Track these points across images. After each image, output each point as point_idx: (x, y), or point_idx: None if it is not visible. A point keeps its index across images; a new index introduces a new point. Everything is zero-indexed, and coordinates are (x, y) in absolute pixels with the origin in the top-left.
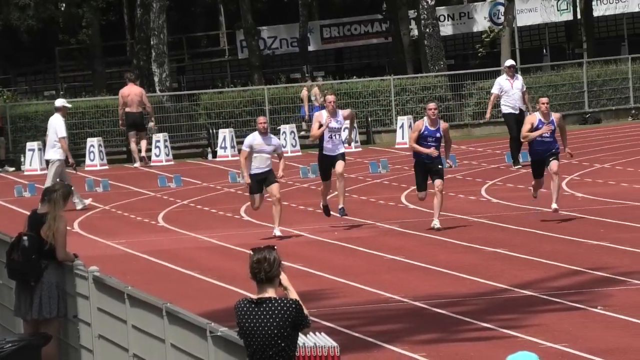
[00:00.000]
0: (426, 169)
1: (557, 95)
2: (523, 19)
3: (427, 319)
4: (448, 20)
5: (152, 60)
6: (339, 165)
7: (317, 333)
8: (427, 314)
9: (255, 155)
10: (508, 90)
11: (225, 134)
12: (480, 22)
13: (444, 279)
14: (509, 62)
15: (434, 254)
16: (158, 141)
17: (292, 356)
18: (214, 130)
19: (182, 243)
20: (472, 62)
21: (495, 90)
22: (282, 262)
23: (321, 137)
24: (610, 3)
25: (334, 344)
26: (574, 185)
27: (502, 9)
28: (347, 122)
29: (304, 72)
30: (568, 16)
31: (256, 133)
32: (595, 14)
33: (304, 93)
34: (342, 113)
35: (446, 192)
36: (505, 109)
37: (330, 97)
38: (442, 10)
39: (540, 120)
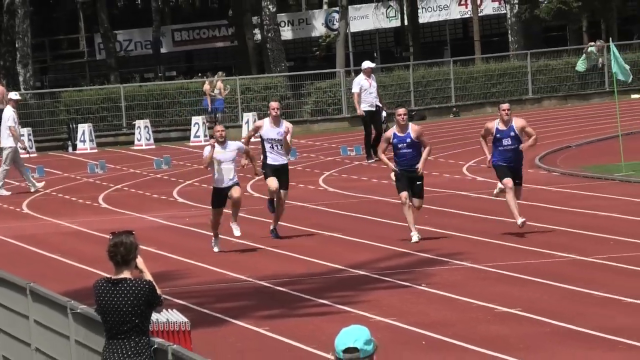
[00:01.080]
0: (408, 179)
1: (386, 95)
2: (356, 25)
3: (270, 296)
4: (288, 26)
5: (17, 61)
6: (281, 182)
7: (169, 310)
8: (270, 292)
9: (217, 168)
10: (367, 88)
11: (84, 129)
12: (318, 28)
13: (285, 260)
14: (369, 63)
15: (275, 239)
16: (22, 135)
17: (145, 331)
18: (74, 125)
19: (46, 228)
20: (311, 64)
21: (355, 89)
22: (139, 246)
23: (264, 148)
24: (434, 11)
25: (185, 319)
26: (473, 170)
27: (337, 15)
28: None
29: (157, 71)
30: (396, 23)
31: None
32: (421, 20)
33: (206, 87)
34: (285, 124)
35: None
36: (363, 106)
37: (274, 104)
38: (282, 17)
39: (498, 128)
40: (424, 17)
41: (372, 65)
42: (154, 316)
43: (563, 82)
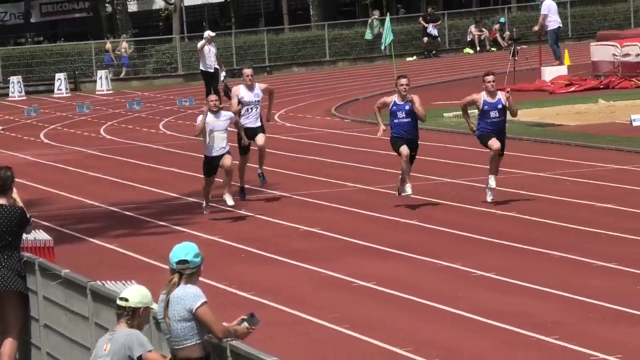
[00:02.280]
0: (406, 144)
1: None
2: (189, 0)
3: (119, 219)
4: (134, 0)
5: None
6: (260, 138)
7: (36, 230)
8: (119, 216)
9: (210, 136)
10: (207, 53)
11: None
12: (158, 2)
13: (131, 190)
14: (210, 33)
15: (125, 173)
16: None
17: (17, 247)
18: None
19: None
20: (153, 32)
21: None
22: (15, 179)
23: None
24: None
25: (49, 237)
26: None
27: None
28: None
29: (27, 37)
30: None
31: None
32: None
33: (108, 45)
34: (259, 86)
35: (133, 127)
36: (202, 67)
37: (247, 71)
38: None
39: (485, 100)
40: None
41: (213, 34)
42: (25, 235)
43: (353, 47)
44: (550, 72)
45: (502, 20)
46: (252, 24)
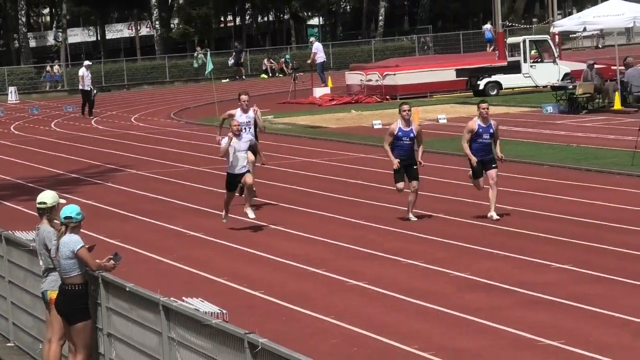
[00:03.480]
0: (405, 167)
1: None
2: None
3: (24, 189)
4: (33, 38)
5: None
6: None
7: None
8: (24, 186)
9: (233, 156)
10: (85, 77)
11: None
12: (50, 40)
13: (32, 168)
14: (87, 62)
15: (28, 156)
16: None
17: None
18: None
19: None
20: (47, 60)
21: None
22: None
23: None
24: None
25: None
26: (138, 120)
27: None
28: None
29: None
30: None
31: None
32: None
33: (48, 68)
34: (252, 111)
35: (33, 125)
36: (80, 86)
37: (244, 97)
38: (31, 35)
39: (480, 125)
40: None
41: (89, 63)
42: None
43: (185, 72)
44: (319, 92)
45: (287, 56)
46: (116, 55)
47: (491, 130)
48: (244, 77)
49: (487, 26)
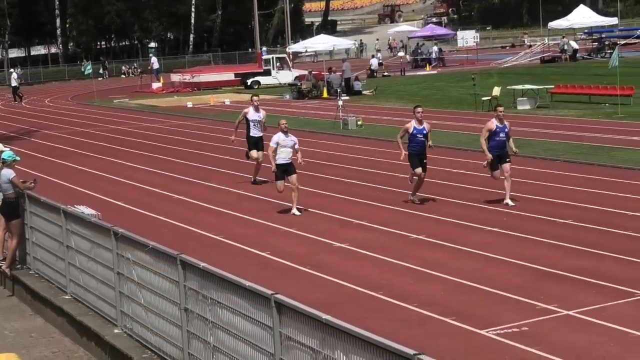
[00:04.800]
0: (419, 159)
1: None
2: None
3: None
4: None
5: None
6: (260, 154)
7: None
8: None
9: (280, 150)
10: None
11: None
12: None
13: None
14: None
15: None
16: None
17: None
18: None
19: None
20: None
21: None
22: None
23: (248, 125)
24: None
25: None
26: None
27: None
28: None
29: None
30: None
31: (279, 133)
32: None
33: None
34: (262, 111)
35: None
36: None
37: (255, 98)
38: None
39: (497, 125)
40: None
41: (18, 70)
42: None
43: (77, 74)
44: (155, 85)
45: (135, 64)
46: (37, 64)
47: (506, 130)
48: (106, 77)
49: (264, 48)
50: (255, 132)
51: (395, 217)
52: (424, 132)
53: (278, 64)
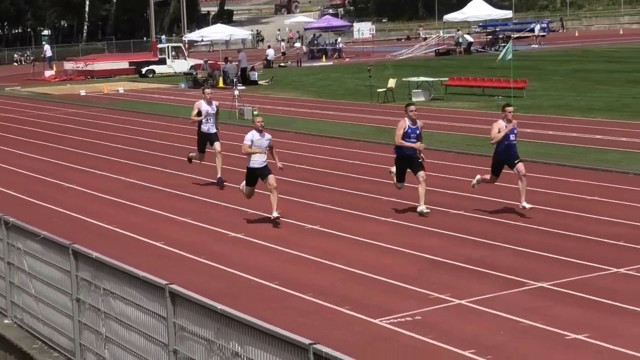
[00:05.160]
0: (408, 162)
1: None
2: None
3: None
4: None
5: None
6: (217, 145)
7: None
8: None
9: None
10: None
11: None
12: None
13: None
14: None
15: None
16: None
17: None
18: None
19: None
20: None
21: None
22: None
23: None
24: None
25: None
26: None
27: None
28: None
29: None
30: None
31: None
32: None
33: None
34: (215, 103)
35: None
36: None
37: (208, 90)
38: None
39: (506, 126)
40: None
41: None
42: None
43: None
44: (48, 73)
45: (27, 52)
46: None
47: (515, 131)
48: None
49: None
50: (207, 128)
51: (290, 207)
52: (417, 131)
53: (173, 52)
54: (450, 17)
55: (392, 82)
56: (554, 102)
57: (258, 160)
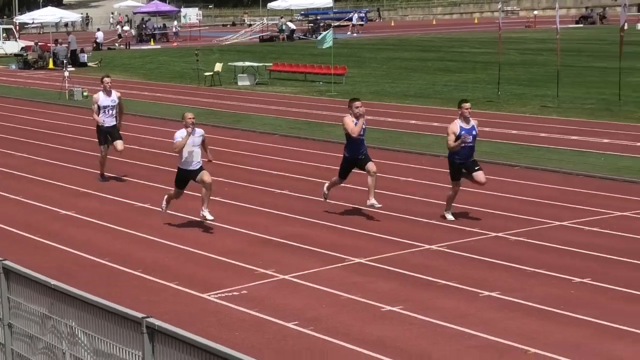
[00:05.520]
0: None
1: None
2: None
3: None
4: None
5: None
6: (119, 144)
7: None
8: None
9: (188, 151)
10: None
11: None
12: None
13: None
14: None
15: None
16: None
17: None
18: None
19: None
20: None
21: None
22: None
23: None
24: None
25: None
26: None
27: None
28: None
29: None
30: None
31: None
32: None
33: None
34: (115, 93)
35: None
36: None
37: (107, 79)
38: None
39: (461, 127)
40: None
41: None
42: None
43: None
44: None
45: None
46: None
47: (474, 132)
48: None
49: None
50: (107, 121)
51: (125, 187)
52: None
53: (4, 34)
54: (274, 5)
55: (218, 67)
56: (371, 89)
57: (193, 161)
